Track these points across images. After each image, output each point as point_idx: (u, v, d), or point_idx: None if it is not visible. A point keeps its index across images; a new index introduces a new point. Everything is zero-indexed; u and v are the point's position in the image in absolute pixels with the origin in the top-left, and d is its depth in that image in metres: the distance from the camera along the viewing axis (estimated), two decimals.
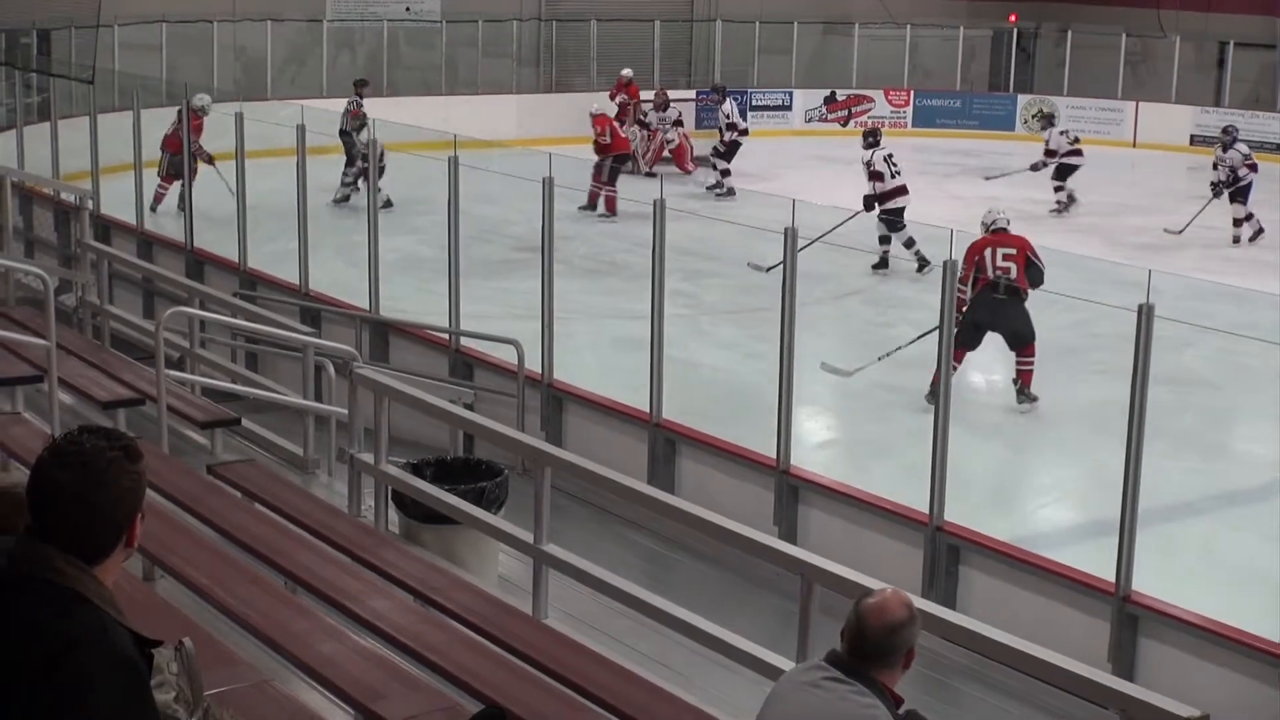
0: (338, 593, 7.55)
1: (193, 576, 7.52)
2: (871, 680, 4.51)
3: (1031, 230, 22.30)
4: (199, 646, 4.55)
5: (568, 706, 6.60)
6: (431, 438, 12.54)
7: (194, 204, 18.80)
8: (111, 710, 3.35)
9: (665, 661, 8.19)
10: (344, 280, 16.69)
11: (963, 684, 9.51)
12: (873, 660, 4.53)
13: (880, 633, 4.54)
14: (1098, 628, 9.78)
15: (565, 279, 15.20)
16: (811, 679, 4.59)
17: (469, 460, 10.53)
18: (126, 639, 3.43)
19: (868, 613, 4.58)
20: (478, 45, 33.11)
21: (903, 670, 4.60)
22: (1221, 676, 9.29)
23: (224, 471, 9.62)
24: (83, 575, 3.44)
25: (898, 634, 4.55)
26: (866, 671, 4.52)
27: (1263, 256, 22.09)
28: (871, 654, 4.53)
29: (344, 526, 8.82)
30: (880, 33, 36.54)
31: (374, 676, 6.49)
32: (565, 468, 8.72)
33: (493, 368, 14.29)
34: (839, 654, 4.59)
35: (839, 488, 11.61)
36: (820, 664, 4.63)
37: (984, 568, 10.61)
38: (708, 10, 36.19)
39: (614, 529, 11.73)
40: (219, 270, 17.73)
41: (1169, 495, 11.84)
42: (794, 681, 4.71)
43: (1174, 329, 10.96)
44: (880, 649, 4.54)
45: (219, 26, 30.13)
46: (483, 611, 7.59)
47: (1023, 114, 35.62)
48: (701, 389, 14.48)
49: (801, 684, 4.62)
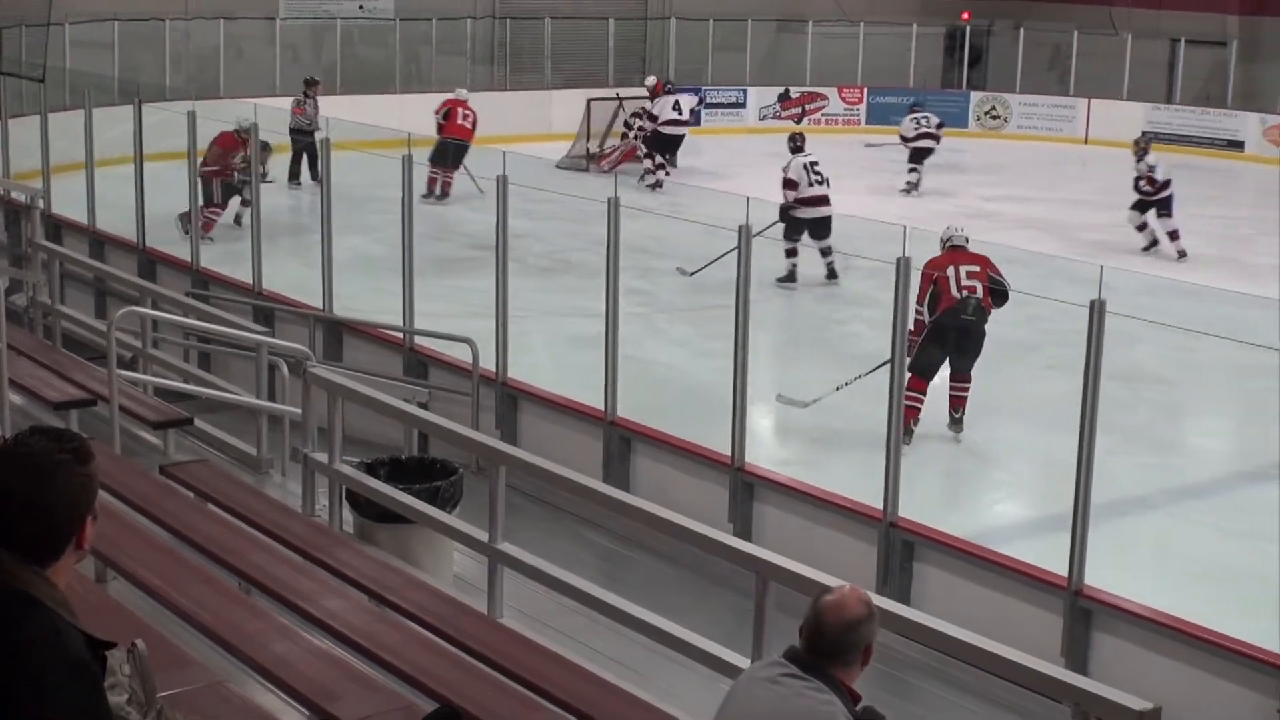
0: (292, 593, 7.52)
1: (145, 578, 7.48)
2: (829, 677, 4.52)
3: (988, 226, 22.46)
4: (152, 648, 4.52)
5: (523, 705, 6.59)
6: (386, 437, 12.51)
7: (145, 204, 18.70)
8: (65, 713, 3.33)
9: (621, 659, 8.19)
10: (297, 279, 16.63)
11: (917, 679, 9.53)
12: (830, 657, 4.54)
13: (838, 630, 4.55)
14: (1051, 622, 9.82)
15: (520, 277, 15.18)
16: (770, 675, 4.60)
17: (423, 459, 10.51)
18: (79, 641, 3.42)
19: (825, 610, 4.59)
20: (432, 43, 33.06)
21: (861, 667, 4.62)
22: (1174, 669, 9.35)
23: (177, 472, 9.57)
24: (34, 578, 3.43)
25: (855, 631, 4.57)
26: (824, 668, 4.53)
27: (1213, 252, 22.21)
28: (829, 651, 4.55)
29: (298, 526, 8.78)
30: (834, 30, 36.64)
31: (328, 677, 6.47)
32: (520, 466, 8.71)
33: (447, 366, 14.26)
34: (797, 651, 4.60)
35: (794, 485, 11.63)
36: (779, 660, 4.64)
37: (938, 563, 10.65)
38: (662, 8, 36.20)
39: (569, 527, 11.72)
40: (171, 270, 17.66)
41: (1122, 490, 11.90)
42: (753, 678, 4.72)
43: (1127, 325, 11.00)
44: (838, 646, 4.55)
45: (171, 25, 30.00)
46: (438, 611, 7.57)
47: (975, 111, 35.80)
48: (656, 387, 14.48)
49: (760, 680, 4.64)
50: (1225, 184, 30.24)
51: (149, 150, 18.61)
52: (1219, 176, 30.88)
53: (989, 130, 35.41)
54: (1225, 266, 20.83)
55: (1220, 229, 24.39)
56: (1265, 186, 30.61)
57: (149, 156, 18.61)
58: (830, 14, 36.44)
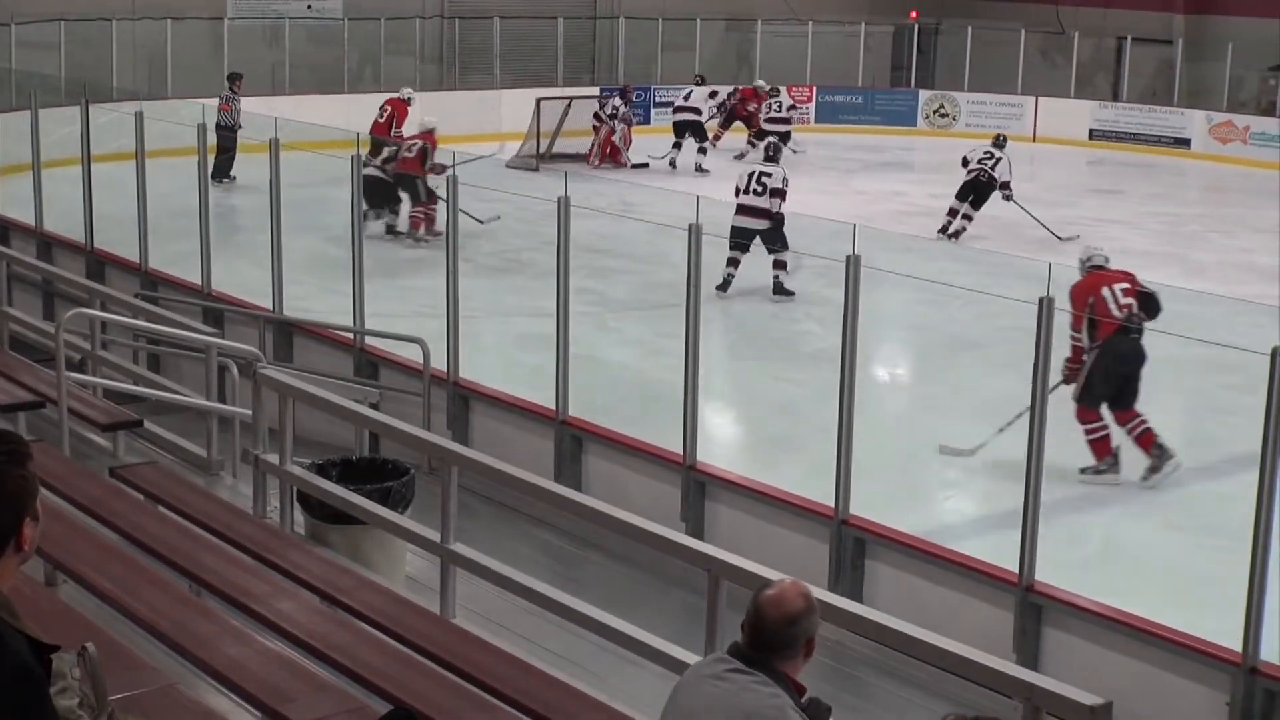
0: (243, 595, 7.50)
1: (96, 581, 7.45)
2: (774, 670, 4.54)
3: (937, 225, 22.55)
4: (102, 651, 4.50)
5: (476, 706, 6.59)
6: (337, 438, 12.48)
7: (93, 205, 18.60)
8: (9, 718, 3.30)
9: (574, 659, 8.20)
10: (247, 280, 16.57)
11: (870, 676, 9.56)
12: (773, 651, 4.56)
13: (779, 623, 4.57)
14: (1002, 618, 9.86)
15: (470, 277, 15.17)
16: (715, 671, 4.62)
17: (375, 460, 10.48)
18: (22, 645, 3.39)
19: (766, 604, 4.61)
20: (380, 43, 32.99)
21: (804, 659, 4.64)
22: (1125, 665, 9.40)
23: (127, 474, 9.52)
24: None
25: (797, 624, 4.59)
26: (768, 662, 4.55)
27: (1161, 249, 22.36)
28: (772, 645, 4.57)
29: (249, 528, 8.75)
30: (783, 29, 36.75)
31: (281, 679, 6.45)
32: (472, 466, 8.70)
33: (398, 367, 14.23)
34: (740, 646, 4.62)
35: (745, 483, 11.65)
36: (723, 656, 4.66)
37: (890, 560, 10.68)
38: (611, 7, 36.22)
39: (521, 527, 11.71)
40: (120, 271, 17.57)
41: (1072, 486, 11.96)
42: (698, 675, 4.73)
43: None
44: (780, 639, 4.57)
45: (118, 24, 29.84)
46: (390, 611, 7.56)
47: (924, 109, 35.93)
48: (608, 386, 14.48)
49: (705, 677, 4.65)
50: (1172, 181, 30.45)
51: (96, 151, 18.52)
52: (1165, 174, 31.10)
53: (938, 129, 35.55)
54: (1172, 263, 20.97)
55: (1167, 226, 24.55)
56: (1211, 184, 30.88)
57: (96, 157, 18.52)
58: (779, 13, 36.54)
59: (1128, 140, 33.55)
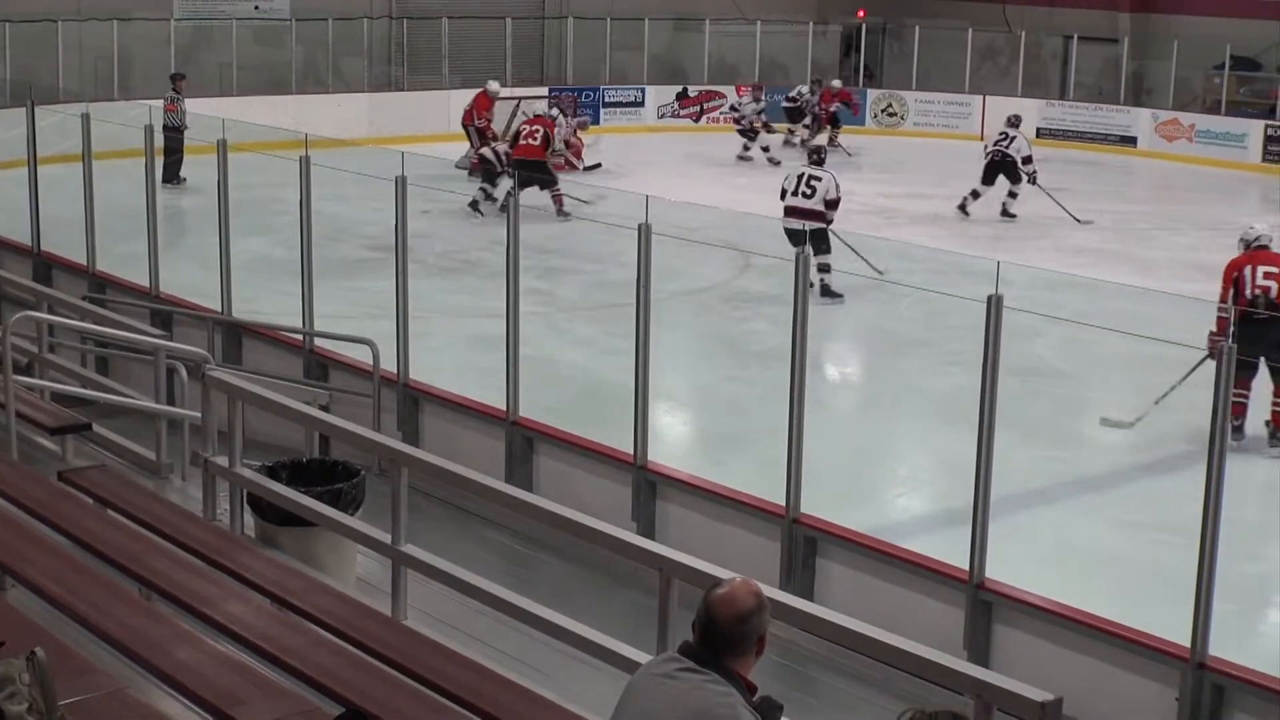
0: (194, 598, 7.47)
1: (45, 585, 7.41)
2: (725, 669, 4.55)
3: (886, 223, 22.64)
4: (52, 656, 4.49)
5: (429, 707, 6.58)
6: (287, 439, 12.44)
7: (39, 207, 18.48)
8: None
9: (526, 659, 8.19)
10: (195, 282, 16.50)
11: (821, 674, 9.59)
12: (725, 649, 4.57)
13: (730, 622, 4.58)
14: (953, 615, 9.90)
15: (420, 278, 15.16)
16: (666, 671, 4.62)
17: (325, 461, 10.43)
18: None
19: (716, 603, 4.62)
20: (328, 43, 32.89)
21: (755, 657, 4.64)
22: (1075, 661, 9.45)
23: (75, 478, 9.48)
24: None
25: (748, 622, 4.59)
26: (719, 660, 4.55)
27: (1109, 246, 22.49)
28: (723, 643, 4.57)
29: (199, 531, 8.72)
30: (730, 29, 36.80)
31: (232, 682, 6.43)
32: (422, 467, 8.68)
33: (348, 368, 14.20)
34: (691, 645, 4.62)
35: (696, 482, 11.66)
36: (674, 656, 4.66)
37: (841, 559, 10.71)
38: (559, 7, 36.20)
39: (473, 528, 11.70)
40: (67, 273, 17.49)
41: (1021, 483, 12.00)
42: (649, 674, 4.73)
43: (1024, 319, 11.09)
44: (731, 638, 4.57)
45: (64, 25, 29.67)
46: (341, 614, 7.55)
47: (872, 109, 36.04)
48: (559, 386, 14.48)
49: (656, 676, 4.65)
50: (1119, 179, 30.62)
51: (43, 153, 18.42)
52: (1113, 172, 31.26)
53: (886, 128, 35.66)
54: (1120, 261, 21.09)
55: (1114, 224, 24.68)
56: (1158, 181, 31.05)
57: (43, 159, 18.41)
58: (727, 12, 36.59)
59: (1075, 138, 33.71)
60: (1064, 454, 13.68)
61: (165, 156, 22.50)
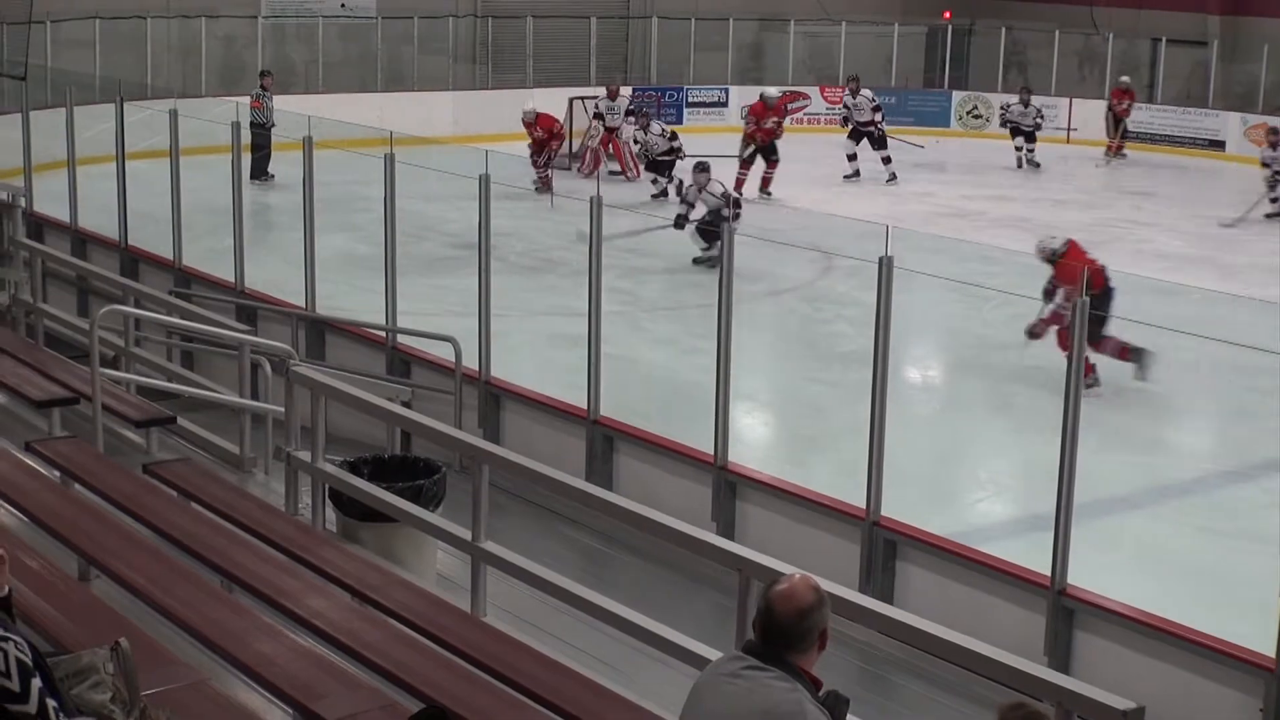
0: (275, 591, 7.52)
1: (129, 576, 7.48)
2: (789, 665, 4.54)
3: (969, 226, 22.53)
4: (135, 646, 4.52)
5: (506, 704, 6.60)
6: (369, 435, 12.50)
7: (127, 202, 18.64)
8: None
9: (604, 658, 8.20)
10: (280, 278, 16.61)
11: (900, 678, 9.55)
12: (787, 646, 4.57)
13: (791, 618, 4.57)
14: (1034, 621, 9.83)
15: (502, 276, 15.18)
16: (731, 670, 4.62)
17: (406, 458, 10.49)
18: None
19: (777, 600, 4.62)
20: (413, 42, 33.02)
21: (818, 652, 4.64)
22: (1157, 669, 9.36)
23: (160, 470, 9.56)
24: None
25: (808, 618, 4.59)
26: (783, 657, 4.55)
27: (1194, 251, 22.28)
28: (785, 640, 4.57)
29: (281, 525, 8.78)
30: (816, 29, 36.69)
31: (312, 675, 6.47)
32: (503, 465, 8.71)
33: (430, 365, 14.24)
34: (754, 644, 4.63)
35: (776, 483, 11.63)
36: (738, 655, 4.67)
37: (921, 562, 10.65)
38: (644, 7, 36.20)
39: (552, 526, 11.72)
40: (154, 268, 17.62)
41: (1105, 489, 11.91)
42: (714, 675, 4.73)
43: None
44: (793, 634, 4.57)
45: (153, 22, 29.95)
46: (421, 609, 7.58)
47: (957, 110, 35.86)
48: (640, 385, 14.48)
49: (721, 677, 4.65)
50: (1206, 183, 30.31)
51: (131, 148, 18.58)
52: (1200, 176, 30.97)
53: (971, 130, 35.46)
54: (1206, 266, 20.89)
55: (1201, 228, 24.44)
56: (1245, 186, 30.65)
57: (131, 155, 18.57)
58: (812, 13, 36.47)
59: (1161, 142, 33.40)
60: (1147, 460, 13.57)
61: (252, 153, 22.62)
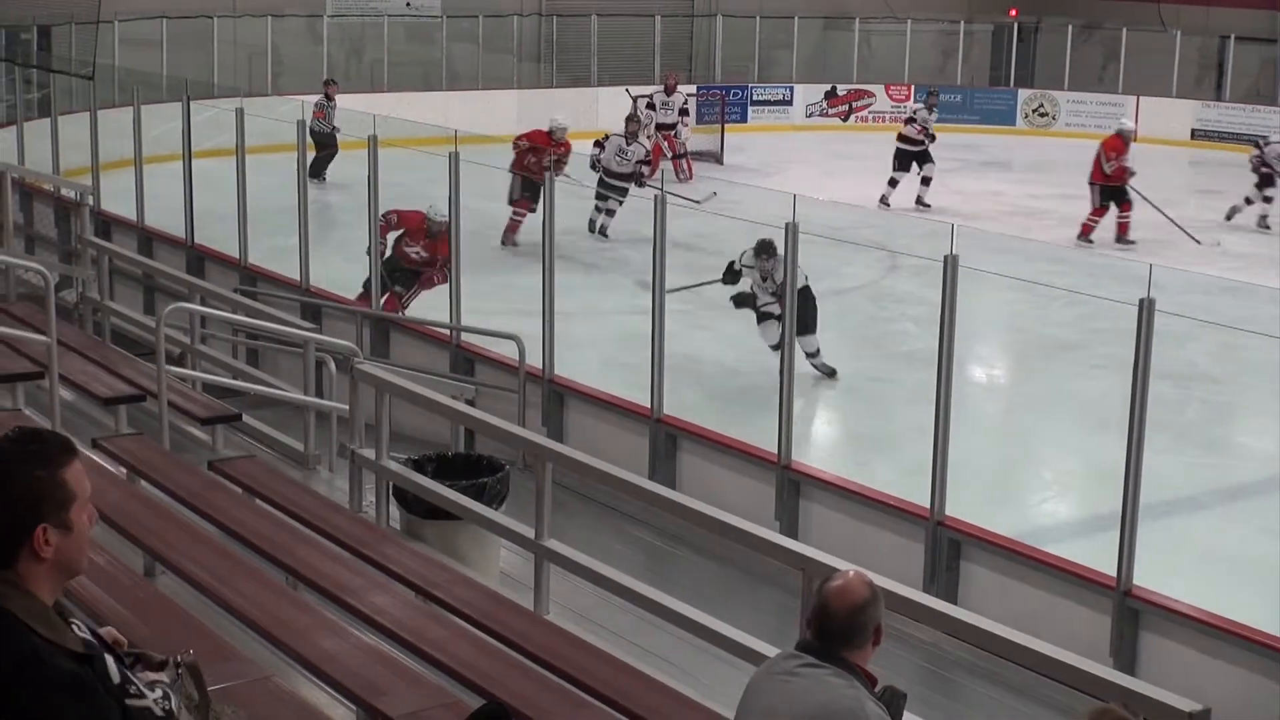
0: (339, 588, 7.55)
1: (194, 572, 7.52)
2: (844, 661, 4.53)
3: (1036, 225, 22.42)
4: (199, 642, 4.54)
5: (569, 702, 6.60)
6: (433, 433, 12.53)
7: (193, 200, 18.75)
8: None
9: (666, 656, 8.19)
10: (344, 276, 16.67)
11: (964, 678, 9.50)
12: (842, 642, 4.55)
13: (845, 614, 4.56)
14: (1099, 622, 9.76)
15: (566, 274, 15.18)
16: (786, 668, 4.61)
17: (470, 456, 10.52)
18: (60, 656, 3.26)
19: (831, 596, 4.60)
20: (478, 40, 33.11)
21: (873, 648, 4.62)
22: (1223, 671, 9.28)
23: (225, 467, 9.61)
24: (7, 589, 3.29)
25: (863, 613, 4.57)
26: (838, 653, 4.54)
27: (1263, 251, 22.11)
28: (840, 636, 4.55)
29: (345, 522, 8.81)
30: (881, 27, 36.61)
31: (375, 672, 6.49)
32: (566, 463, 8.71)
33: (494, 363, 14.26)
34: (809, 641, 4.61)
35: (840, 483, 11.60)
36: (792, 653, 4.66)
37: (985, 562, 10.60)
38: (709, 5, 36.19)
39: (615, 524, 11.71)
40: (219, 266, 17.71)
41: (1171, 489, 11.83)
42: (769, 673, 4.71)
43: (1176, 323, 10.93)
44: (847, 630, 4.56)
45: (219, 22, 30.14)
46: (484, 607, 7.59)
47: (1023, 109, 35.68)
48: (703, 384, 14.47)
49: (777, 675, 4.64)
50: None
51: (197, 147, 18.67)
52: None
53: (1037, 128, 35.28)
54: (1274, 265, 20.71)
55: (1270, 227, 24.24)
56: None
57: (197, 153, 18.67)
58: (878, 11, 36.38)
59: (1230, 140, 33.12)
60: (1214, 460, 13.48)
61: (317, 151, 22.75)
